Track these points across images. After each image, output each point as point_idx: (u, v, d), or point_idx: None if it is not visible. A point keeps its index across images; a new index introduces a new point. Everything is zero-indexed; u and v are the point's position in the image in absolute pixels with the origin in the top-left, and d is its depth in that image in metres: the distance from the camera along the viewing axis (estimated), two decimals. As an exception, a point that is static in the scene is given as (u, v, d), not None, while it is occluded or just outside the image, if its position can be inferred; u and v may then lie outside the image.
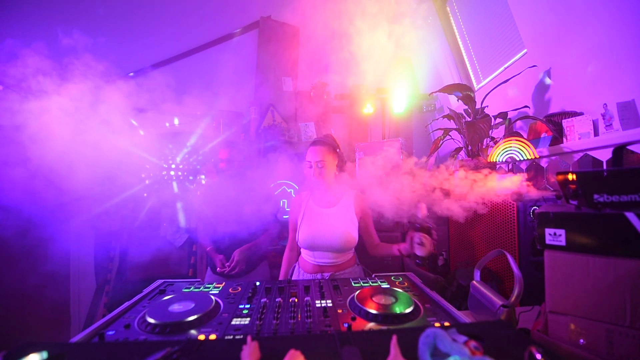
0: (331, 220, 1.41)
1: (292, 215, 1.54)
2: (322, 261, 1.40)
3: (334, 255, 1.40)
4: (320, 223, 1.41)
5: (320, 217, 1.43)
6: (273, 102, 3.17)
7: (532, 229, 1.44)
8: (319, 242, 1.39)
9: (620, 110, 1.48)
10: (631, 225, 0.65)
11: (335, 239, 1.37)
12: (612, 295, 0.67)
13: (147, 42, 3.00)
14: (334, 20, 2.38)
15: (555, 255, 0.76)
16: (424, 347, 0.50)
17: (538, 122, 1.96)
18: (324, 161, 1.40)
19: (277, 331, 0.72)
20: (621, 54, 1.55)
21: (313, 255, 1.43)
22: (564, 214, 0.74)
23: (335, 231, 1.38)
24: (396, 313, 0.77)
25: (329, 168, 1.42)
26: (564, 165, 1.88)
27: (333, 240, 1.37)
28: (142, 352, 0.53)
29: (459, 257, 1.87)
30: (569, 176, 0.77)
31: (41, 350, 0.52)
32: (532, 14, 2.06)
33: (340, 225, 1.40)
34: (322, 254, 1.40)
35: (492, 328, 0.63)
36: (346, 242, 1.37)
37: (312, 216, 1.45)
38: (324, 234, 1.38)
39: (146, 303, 0.90)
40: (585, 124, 1.70)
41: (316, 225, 1.41)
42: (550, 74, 2.03)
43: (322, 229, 1.39)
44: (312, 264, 1.42)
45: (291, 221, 1.56)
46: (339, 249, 1.39)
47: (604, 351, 0.67)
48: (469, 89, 2.09)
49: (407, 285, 1.04)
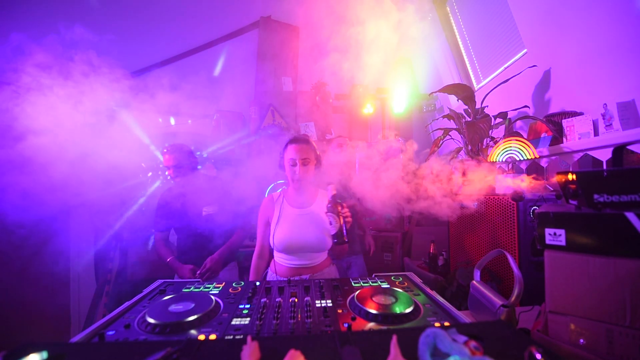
0: (309, 221, 1.38)
1: (263, 219, 1.46)
2: (299, 263, 1.36)
3: (311, 256, 1.37)
4: (298, 224, 1.37)
5: (297, 219, 1.39)
6: (273, 102, 3.17)
7: (532, 229, 1.44)
8: (297, 244, 1.35)
9: (620, 110, 1.48)
10: (631, 225, 0.65)
11: (313, 240, 1.34)
12: (612, 295, 0.67)
13: (145, 43, 3.00)
14: (334, 20, 2.38)
15: (555, 255, 0.76)
16: (424, 347, 0.50)
17: (538, 122, 1.96)
18: (309, 159, 1.37)
19: (277, 331, 0.72)
20: (621, 54, 1.55)
21: (289, 258, 1.38)
22: (564, 214, 0.74)
23: (313, 232, 1.35)
24: (396, 313, 0.77)
25: (312, 166, 1.39)
26: (564, 165, 1.88)
27: (312, 241, 1.34)
28: (142, 352, 0.53)
29: (459, 257, 1.87)
30: (569, 176, 0.77)
31: (41, 350, 0.52)
32: (532, 14, 2.06)
33: (317, 225, 1.37)
34: (300, 256, 1.36)
35: (492, 328, 0.63)
36: (322, 242, 1.36)
37: (288, 218, 1.39)
38: (302, 235, 1.35)
39: (146, 303, 0.90)
40: (585, 124, 1.70)
41: (293, 227, 1.37)
42: (550, 74, 2.03)
43: (299, 230, 1.35)
44: (289, 267, 1.37)
45: (260, 225, 1.46)
46: (317, 249, 1.36)
47: (604, 351, 0.67)
48: (469, 89, 2.09)
49: (407, 285, 1.04)
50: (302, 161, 1.35)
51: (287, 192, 1.47)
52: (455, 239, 1.88)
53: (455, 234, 1.88)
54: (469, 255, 1.78)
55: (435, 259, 2.11)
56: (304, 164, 1.35)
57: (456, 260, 1.88)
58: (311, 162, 1.38)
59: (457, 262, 1.87)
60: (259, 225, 1.47)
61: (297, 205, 1.42)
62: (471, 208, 1.73)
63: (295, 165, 1.36)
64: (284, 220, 1.39)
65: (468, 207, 1.73)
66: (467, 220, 1.77)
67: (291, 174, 1.38)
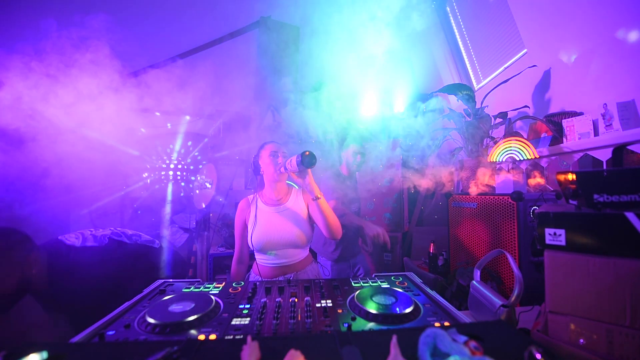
0: (285, 217, 1.42)
1: (239, 221, 1.48)
2: (281, 261, 1.39)
3: (292, 252, 1.40)
4: (275, 221, 1.40)
5: (273, 216, 1.42)
6: (273, 102, 3.17)
7: (532, 229, 1.44)
8: (276, 240, 1.37)
9: (620, 110, 1.48)
10: (631, 225, 0.65)
11: (291, 235, 1.38)
12: (612, 295, 0.67)
13: (144, 43, 3.00)
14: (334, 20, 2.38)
15: (555, 255, 0.76)
16: (424, 347, 0.50)
17: (538, 122, 1.96)
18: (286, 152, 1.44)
19: (277, 331, 0.72)
20: (621, 54, 1.55)
21: (269, 258, 1.40)
22: (564, 214, 0.74)
23: (290, 226, 1.39)
24: (396, 313, 0.77)
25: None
26: (564, 165, 1.88)
27: (289, 236, 1.37)
28: (142, 352, 0.53)
29: (459, 257, 1.87)
30: (569, 176, 0.77)
31: (41, 350, 0.52)
32: (532, 14, 2.06)
33: (294, 219, 1.41)
34: (280, 253, 1.39)
35: (492, 328, 0.63)
36: (301, 234, 1.39)
37: (263, 216, 1.42)
38: (280, 231, 1.38)
39: (146, 303, 0.90)
40: (585, 124, 1.70)
41: (270, 224, 1.40)
42: (550, 74, 2.03)
43: (277, 226, 1.39)
44: (271, 267, 1.39)
45: (238, 228, 1.48)
46: (296, 244, 1.39)
47: (604, 351, 0.67)
48: (469, 89, 2.09)
49: (407, 285, 1.04)
50: (282, 153, 1.44)
51: (261, 193, 1.52)
52: (455, 239, 1.88)
53: (455, 234, 1.88)
54: (469, 255, 1.78)
55: (435, 259, 2.11)
56: (284, 156, 1.43)
57: (456, 260, 1.88)
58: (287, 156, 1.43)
59: (457, 262, 1.87)
60: (236, 229, 1.49)
61: (273, 204, 1.46)
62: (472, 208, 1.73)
63: (277, 157, 1.42)
64: (261, 219, 1.41)
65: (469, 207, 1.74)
66: (467, 220, 1.77)
67: (274, 165, 1.42)
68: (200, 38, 3.20)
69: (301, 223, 1.42)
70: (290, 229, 1.39)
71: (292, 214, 1.43)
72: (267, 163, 1.44)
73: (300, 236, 1.39)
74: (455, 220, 1.86)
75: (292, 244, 1.39)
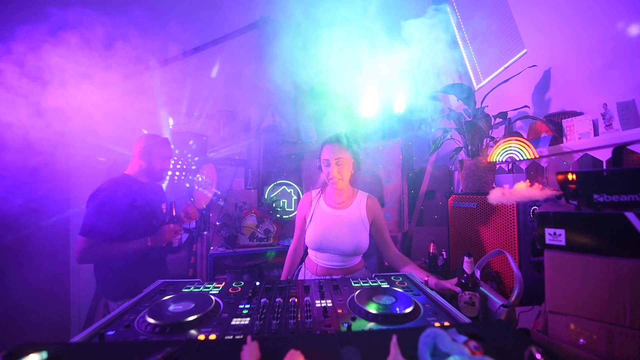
0: (342, 223, 1.36)
1: (300, 214, 1.49)
2: (330, 264, 1.35)
3: (343, 258, 1.35)
4: (331, 224, 1.36)
5: (331, 219, 1.37)
6: (273, 102, 3.17)
7: (532, 229, 1.44)
8: (328, 244, 1.33)
9: (620, 110, 1.48)
10: (631, 225, 0.65)
11: (345, 243, 1.32)
12: (612, 295, 0.67)
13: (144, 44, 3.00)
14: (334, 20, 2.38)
15: (555, 255, 0.76)
16: (424, 347, 0.50)
17: (538, 122, 1.96)
18: (343, 159, 1.34)
19: (277, 331, 0.72)
20: (621, 54, 1.55)
21: (321, 257, 1.37)
22: (564, 213, 0.74)
23: (345, 234, 1.33)
24: (396, 313, 0.77)
25: (347, 167, 1.36)
26: (564, 165, 1.88)
27: (343, 244, 1.32)
28: (142, 352, 0.53)
29: (459, 257, 1.87)
30: (569, 176, 0.77)
31: (41, 350, 0.52)
32: (532, 14, 2.06)
33: (351, 228, 1.35)
34: (331, 257, 1.35)
35: (492, 328, 0.63)
36: (356, 246, 1.33)
37: (322, 216, 1.39)
38: (334, 236, 1.33)
39: (146, 303, 0.90)
40: (585, 123, 1.70)
41: (326, 226, 1.36)
42: (550, 74, 2.03)
43: (332, 230, 1.34)
44: (320, 266, 1.36)
45: (298, 220, 1.50)
46: (348, 252, 1.34)
47: (604, 351, 0.67)
48: (469, 89, 2.09)
49: (407, 285, 1.04)
50: (336, 161, 1.33)
51: (325, 190, 1.47)
52: (455, 239, 1.88)
53: (455, 234, 1.87)
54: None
55: (435, 259, 2.11)
56: (338, 164, 1.33)
57: (456, 260, 1.88)
58: (346, 162, 1.35)
59: (457, 262, 1.87)
60: (297, 220, 1.50)
61: (333, 205, 1.42)
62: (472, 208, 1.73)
63: (329, 166, 1.34)
64: (317, 218, 1.38)
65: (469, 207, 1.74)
66: (467, 220, 1.77)
67: (326, 174, 1.37)
68: (200, 38, 3.20)
69: (358, 233, 1.35)
70: (346, 238, 1.33)
71: (350, 222, 1.36)
72: (322, 168, 1.39)
73: (355, 246, 1.33)
74: (455, 220, 1.86)
75: (345, 252, 1.34)
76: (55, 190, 2.36)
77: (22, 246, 2.30)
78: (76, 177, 2.74)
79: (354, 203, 1.42)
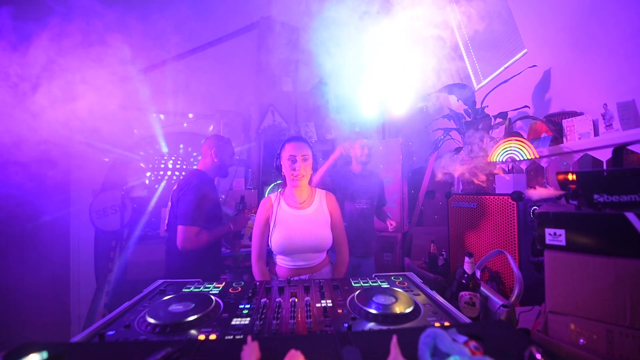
0: (306, 221, 1.37)
1: (260, 220, 1.41)
2: (299, 264, 1.35)
3: (311, 256, 1.37)
4: (295, 225, 1.36)
5: (295, 219, 1.37)
6: (273, 102, 3.17)
7: (532, 229, 1.44)
8: (296, 245, 1.33)
9: (620, 110, 1.48)
10: (631, 225, 0.65)
11: (312, 241, 1.34)
12: (612, 295, 0.67)
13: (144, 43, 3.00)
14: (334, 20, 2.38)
15: (555, 255, 0.76)
16: (424, 347, 0.50)
17: (538, 122, 1.96)
18: (307, 156, 1.36)
19: (277, 331, 0.72)
20: (621, 54, 1.55)
21: (288, 260, 1.36)
22: (564, 214, 0.74)
23: (312, 232, 1.35)
24: (396, 313, 0.77)
25: (309, 165, 1.38)
26: (564, 165, 1.88)
27: (310, 242, 1.34)
28: (142, 352, 0.53)
29: (459, 257, 1.87)
30: (569, 176, 0.77)
31: (41, 350, 0.52)
32: (532, 14, 2.06)
33: (316, 224, 1.37)
34: (299, 257, 1.35)
35: (492, 328, 0.63)
36: (323, 242, 1.36)
37: (285, 218, 1.37)
38: (301, 236, 1.33)
39: (146, 303, 0.90)
40: (585, 124, 1.70)
41: (291, 228, 1.35)
42: (550, 74, 2.03)
43: (298, 231, 1.34)
44: (288, 268, 1.36)
45: (258, 226, 1.42)
46: (316, 249, 1.36)
47: (604, 351, 0.67)
48: (469, 89, 2.09)
49: (407, 285, 1.04)
50: (302, 157, 1.35)
51: (284, 193, 1.46)
52: (455, 239, 1.88)
53: (455, 234, 1.87)
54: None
55: (435, 259, 2.11)
56: (304, 160, 1.35)
57: (456, 260, 1.88)
58: (309, 160, 1.38)
59: (457, 262, 1.86)
60: (256, 227, 1.43)
61: (295, 206, 1.41)
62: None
63: (295, 162, 1.35)
64: (282, 222, 1.37)
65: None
66: (467, 220, 1.77)
67: (290, 171, 1.36)
68: (201, 38, 3.20)
69: (322, 229, 1.37)
70: (311, 235, 1.34)
71: (314, 220, 1.38)
72: (285, 166, 1.38)
73: (321, 242, 1.35)
74: (455, 220, 1.86)
75: (311, 249, 1.35)
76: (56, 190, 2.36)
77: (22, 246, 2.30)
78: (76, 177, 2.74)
79: (315, 200, 1.44)
